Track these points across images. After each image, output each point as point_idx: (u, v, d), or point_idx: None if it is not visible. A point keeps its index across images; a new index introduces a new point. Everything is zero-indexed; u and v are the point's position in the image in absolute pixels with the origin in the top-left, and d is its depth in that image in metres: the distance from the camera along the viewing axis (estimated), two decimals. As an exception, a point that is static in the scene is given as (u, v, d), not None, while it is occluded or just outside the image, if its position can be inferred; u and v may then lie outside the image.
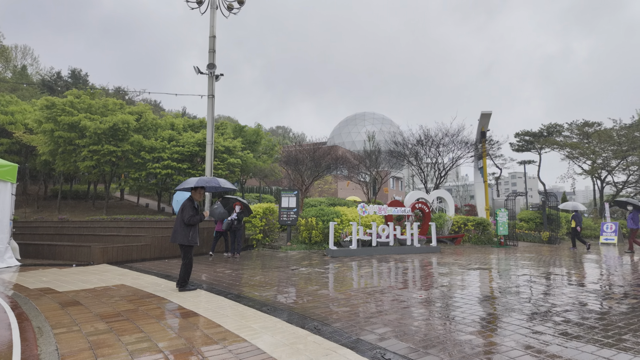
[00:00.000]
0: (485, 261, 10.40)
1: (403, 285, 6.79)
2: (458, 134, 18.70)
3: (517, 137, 40.81)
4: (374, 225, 12.15)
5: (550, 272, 8.47)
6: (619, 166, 24.73)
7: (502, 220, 16.34)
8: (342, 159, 19.62)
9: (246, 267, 9.12)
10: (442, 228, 16.87)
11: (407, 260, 10.47)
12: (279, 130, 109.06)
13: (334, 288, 6.51)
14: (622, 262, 10.35)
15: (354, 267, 9.08)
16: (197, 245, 6.47)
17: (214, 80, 17.68)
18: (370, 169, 22.20)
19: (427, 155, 19.34)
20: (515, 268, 9.03)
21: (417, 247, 12.85)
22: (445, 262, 10.10)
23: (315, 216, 13.29)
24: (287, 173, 19.35)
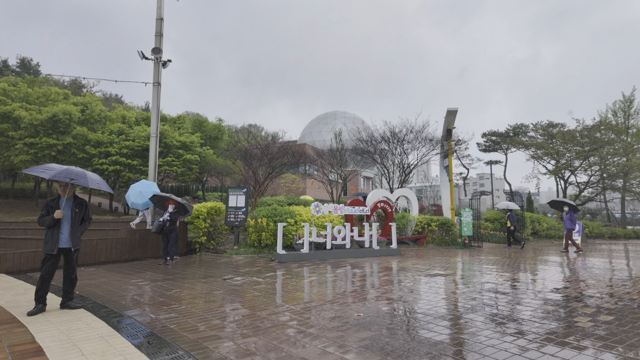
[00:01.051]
0: (447, 265, 9.48)
1: (346, 298, 5.67)
2: (422, 130, 17.91)
3: (484, 137, 40.99)
4: (329, 227, 11.04)
5: (516, 278, 7.60)
6: (581, 166, 24.83)
7: (467, 221, 15.63)
8: (302, 156, 18.43)
9: (170, 278, 7.76)
10: (405, 229, 16.01)
11: (362, 265, 9.40)
12: (251, 129, 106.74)
13: (258, 306, 5.30)
14: (585, 265, 9.71)
15: (298, 276, 7.90)
16: (53, 254, 4.89)
17: (161, 66, 16.08)
18: (335, 167, 21.15)
19: (392, 153, 18.47)
20: (479, 274, 8.13)
21: (376, 250, 11.84)
22: (403, 267, 9.10)
23: (267, 216, 12.03)
24: (244, 170, 17.96)
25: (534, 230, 20.06)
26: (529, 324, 4.29)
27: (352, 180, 52.16)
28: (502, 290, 6.36)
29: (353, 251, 11.38)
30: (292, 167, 21.58)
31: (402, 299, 5.67)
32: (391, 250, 12.22)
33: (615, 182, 25.22)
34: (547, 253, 13.41)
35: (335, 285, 6.84)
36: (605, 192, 32.13)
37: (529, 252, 13.52)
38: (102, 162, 22.00)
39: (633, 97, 26.36)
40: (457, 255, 12.32)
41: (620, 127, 27.10)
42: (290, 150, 17.73)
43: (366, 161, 20.71)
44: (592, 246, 17.24)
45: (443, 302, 5.48)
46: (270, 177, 16.97)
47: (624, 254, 13.44)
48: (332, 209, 11.35)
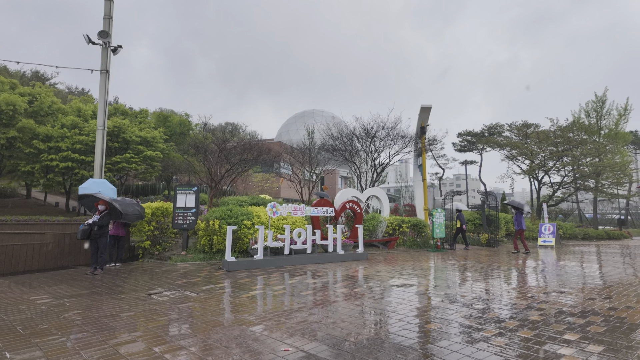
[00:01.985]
0: (415, 272, 8.54)
1: (281, 324, 4.58)
2: (394, 126, 17.04)
3: (459, 137, 40.78)
4: (287, 229, 9.93)
5: (490, 290, 6.69)
6: (554, 166, 24.61)
7: (439, 222, 14.84)
8: (268, 153, 17.25)
9: (84, 293, 6.50)
10: (375, 230, 15.08)
11: (320, 274, 8.35)
12: (228, 127, 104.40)
13: (162, 337, 4.15)
14: (564, 269, 8.97)
15: (241, 288, 6.77)
16: None
17: (109, 52, 14.59)
18: (305, 165, 20.06)
19: (364, 151, 17.53)
20: (450, 284, 7.20)
21: (340, 255, 10.82)
22: (366, 275, 8.10)
23: (220, 218, 10.83)
24: (205, 167, 16.62)
25: (509, 232, 19.53)
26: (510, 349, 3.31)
27: (329, 180, 51.22)
28: (475, 306, 5.41)
29: (315, 256, 10.32)
30: (265, 166, 20.36)
31: (352, 322, 4.63)
32: (357, 255, 11.22)
33: (588, 183, 25.13)
34: (521, 256, 12.72)
35: (276, 302, 5.75)
36: (577, 193, 32.30)
37: (503, 256, 12.80)
38: (52, 159, 20.20)
39: (605, 98, 26.40)
40: (428, 259, 11.45)
41: (593, 128, 27.12)
42: (250, 145, 16.48)
43: (337, 159, 19.72)
44: (566, 248, 16.78)
45: (399, 326, 4.46)
46: (229, 174, 15.71)
47: (604, 257, 12.90)
48: (292, 209, 10.25)
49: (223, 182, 16.53)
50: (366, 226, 14.59)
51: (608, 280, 7.79)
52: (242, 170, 16.71)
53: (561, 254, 13.89)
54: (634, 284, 7.26)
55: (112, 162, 21.98)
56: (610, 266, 10.07)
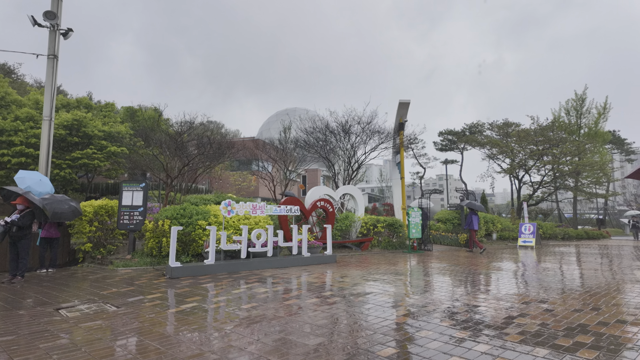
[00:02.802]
0: (383, 278, 7.64)
1: (194, 357, 3.58)
2: (370, 121, 16.16)
3: (440, 136, 40.37)
4: (245, 230, 8.89)
5: (464, 299, 5.82)
6: (535, 165, 24.22)
7: (415, 221, 14.04)
8: (234, 149, 16.14)
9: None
10: (349, 231, 14.19)
11: (277, 281, 7.37)
12: (210, 125, 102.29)
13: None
14: (546, 273, 8.22)
15: (177, 300, 5.74)
16: None
17: (58, 35, 13.27)
18: (278, 162, 19.03)
19: (340, 147, 16.62)
20: (424, 291, 6.31)
21: (306, 258, 9.86)
22: (328, 282, 7.16)
23: (171, 217, 9.74)
24: (166, 161, 15.39)
25: (488, 232, 18.93)
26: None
27: (311, 178, 50.22)
28: (443, 322, 4.52)
29: (277, 260, 9.31)
30: (243, 164, 19.27)
31: (290, 348, 3.67)
32: (325, 257, 10.28)
33: (568, 182, 24.84)
34: (501, 258, 12.00)
35: (203, 322, 4.74)
36: (557, 192, 32.15)
37: (481, 257, 12.06)
38: (3, 154, 18.65)
39: (585, 96, 26.19)
40: (401, 261, 10.59)
41: (573, 127, 26.89)
42: (209, 140, 15.34)
43: (313, 156, 18.77)
44: (547, 248, 16.23)
45: (349, 352, 3.52)
46: (190, 170, 14.56)
47: (587, 258, 12.29)
48: (250, 208, 9.23)
49: (187, 179, 15.39)
50: (339, 226, 13.69)
51: (594, 286, 7.03)
52: (207, 166, 15.57)
53: (542, 255, 13.25)
54: (622, 291, 6.51)
55: (71, 158, 20.49)
56: (594, 269, 9.40)
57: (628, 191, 37.74)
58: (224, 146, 15.70)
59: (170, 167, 13.86)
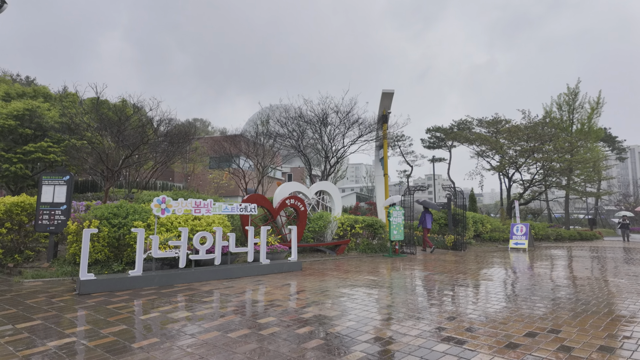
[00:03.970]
0: (352, 293, 6.12)
1: None
2: (350, 111, 14.64)
3: (428, 133, 39.16)
4: (184, 233, 7.26)
5: (447, 326, 4.31)
6: (526, 162, 23.01)
7: (397, 222, 12.57)
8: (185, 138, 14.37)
9: None
10: (324, 232, 12.67)
11: (211, 298, 5.79)
12: (196, 123, 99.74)
13: None
14: (544, 284, 6.79)
15: (41, 336, 4.12)
16: None
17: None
18: (251, 157, 17.41)
19: (315, 138, 15.08)
20: (391, 314, 4.79)
21: (263, 266, 8.28)
22: (280, 300, 5.61)
23: (101, 217, 8.08)
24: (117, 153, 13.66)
25: (477, 232, 17.59)
26: None
27: (297, 176, 48.54)
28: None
29: (225, 269, 7.72)
30: (222, 162, 17.66)
31: None
32: (288, 265, 8.72)
33: (560, 180, 23.71)
34: (492, 263, 10.59)
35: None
36: (547, 191, 31.12)
37: (470, 263, 10.62)
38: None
39: (578, 90, 25.11)
40: (379, 268, 9.08)
41: (565, 123, 25.80)
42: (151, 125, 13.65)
43: (288, 150, 17.18)
44: (540, 251, 14.92)
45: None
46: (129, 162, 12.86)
47: (587, 264, 10.95)
48: (193, 206, 7.61)
49: (145, 175, 13.72)
50: (311, 227, 12.15)
51: (609, 304, 5.60)
52: (161, 161, 13.91)
53: (536, 259, 11.88)
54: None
55: (23, 152, 18.57)
56: (602, 279, 8.01)
57: (618, 190, 36.96)
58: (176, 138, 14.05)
59: (112, 157, 12.15)
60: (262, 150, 16.49)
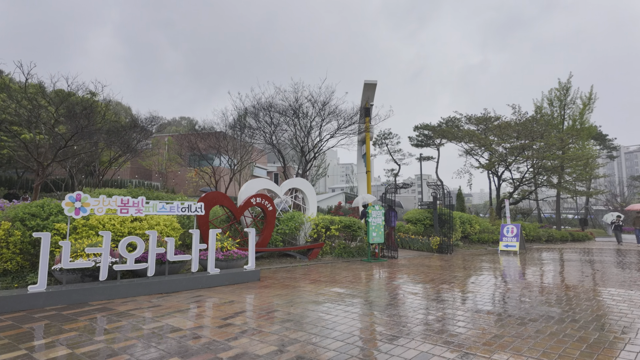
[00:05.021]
0: (307, 316, 4.84)
1: None
2: (328, 101, 13.35)
3: (416, 131, 38.06)
4: (106, 238, 5.90)
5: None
6: (516, 160, 22.00)
7: (376, 222, 11.34)
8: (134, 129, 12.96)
9: None
10: (295, 234, 11.39)
11: (122, 324, 4.47)
12: (182, 122, 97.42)
13: None
14: (542, 298, 5.60)
15: None
16: None
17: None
18: (221, 152, 16.04)
19: (286, 129, 13.77)
20: (354, 349, 3.51)
21: (211, 276, 6.95)
22: (209, 328, 4.31)
23: (15, 219, 6.70)
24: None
25: (465, 234, 16.47)
26: None
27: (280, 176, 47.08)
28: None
29: (160, 282, 6.37)
30: (203, 160, 16.36)
31: None
32: (242, 275, 7.40)
33: (551, 178, 22.77)
34: (480, 268, 9.41)
35: None
36: (537, 191, 30.26)
37: (457, 269, 9.43)
38: None
39: (569, 85, 24.22)
40: (353, 276, 7.82)
41: (557, 119, 24.89)
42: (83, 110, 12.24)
43: (259, 143, 15.83)
44: (532, 254, 13.84)
45: None
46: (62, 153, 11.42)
47: (586, 269, 9.83)
48: (119, 204, 6.24)
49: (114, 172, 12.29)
50: (280, 229, 10.87)
51: (619, 329, 4.41)
52: (113, 157, 12.50)
53: (529, 264, 10.75)
54: (683, 342, 3.89)
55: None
56: (609, 289, 6.85)
57: (607, 190, 36.38)
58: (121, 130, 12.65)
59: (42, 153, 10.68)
60: (233, 144, 15.13)
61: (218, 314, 4.93)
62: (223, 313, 4.98)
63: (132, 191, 12.37)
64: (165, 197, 13.22)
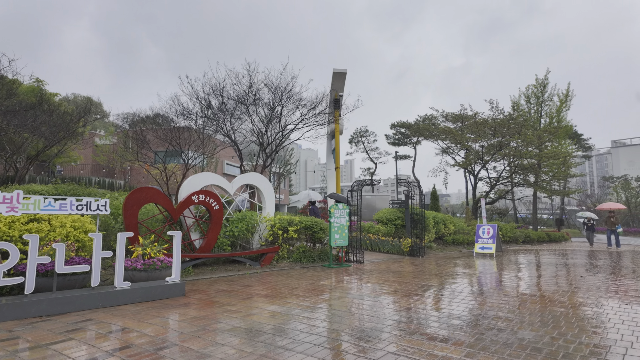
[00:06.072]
0: (211, 357, 3.50)
1: None
2: (289, 88, 12.00)
3: (393, 129, 37.20)
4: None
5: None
6: (493, 158, 21.23)
7: (339, 223, 10.10)
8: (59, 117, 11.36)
9: None
10: (247, 237, 10.01)
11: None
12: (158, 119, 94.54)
13: None
14: (524, 311, 4.46)
15: None
16: None
17: None
18: (172, 143, 14.48)
19: (239, 118, 12.37)
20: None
21: (117, 292, 5.52)
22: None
23: None
24: None
25: (439, 235, 15.44)
26: None
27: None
28: None
29: (42, 301, 4.90)
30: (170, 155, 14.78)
31: None
32: (162, 289, 5.99)
33: (528, 177, 22.11)
34: (454, 275, 8.27)
35: None
36: (514, 190, 29.77)
37: (428, 276, 8.25)
38: None
39: (547, 81, 23.69)
40: (306, 289, 6.51)
41: (533, 116, 24.31)
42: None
43: (224, 138, 14.35)
44: (510, 256, 12.89)
45: None
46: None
47: (567, 273, 8.82)
48: (3, 204, 4.74)
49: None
50: (229, 231, 9.47)
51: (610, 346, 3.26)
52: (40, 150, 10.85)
53: (506, 269, 9.70)
54: None
55: None
56: (594, 297, 5.78)
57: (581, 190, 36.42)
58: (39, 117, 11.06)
59: None
60: (186, 137, 13.62)
61: (78, 355, 3.52)
62: (87, 352, 3.58)
63: (58, 187, 10.75)
64: (98, 193, 11.62)
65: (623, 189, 36.40)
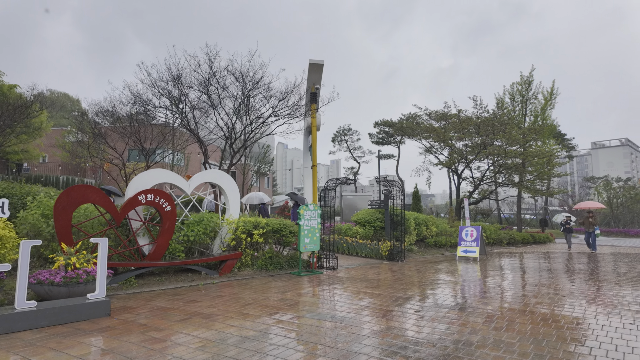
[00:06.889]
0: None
1: None
2: (259, 78, 10.96)
3: (376, 127, 36.48)
4: None
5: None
6: (477, 157, 20.57)
7: (310, 226, 9.12)
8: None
9: None
10: (206, 242, 8.94)
11: None
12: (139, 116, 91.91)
13: None
14: (515, 333, 3.59)
15: None
16: None
17: None
18: (142, 140, 13.28)
19: (201, 108, 11.29)
20: None
21: (16, 315, 4.43)
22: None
23: None
24: None
25: (421, 237, 14.61)
26: None
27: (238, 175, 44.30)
28: None
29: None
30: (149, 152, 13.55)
31: None
32: (80, 309, 4.91)
33: (513, 177, 21.55)
34: (434, 283, 7.38)
35: None
36: (497, 191, 29.31)
37: (407, 285, 7.33)
38: None
39: (532, 79, 23.20)
40: (262, 304, 5.52)
41: (518, 114, 23.80)
42: None
43: (189, 133, 13.20)
44: (494, 260, 12.12)
45: None
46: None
47: (555, 279, 8.02)
48: None
49: None
50: (184, 236, 8.37)
51: None
52: None
53: (491, 275, 8.87)
54: None
55: None
56: (591, 313, 4.94)
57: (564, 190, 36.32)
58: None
59: None
60: (146, 131, 12.44)
61: None
62: None
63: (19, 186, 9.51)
64: (39, 193, 10.37)
65: (605, 189, 36.42)
